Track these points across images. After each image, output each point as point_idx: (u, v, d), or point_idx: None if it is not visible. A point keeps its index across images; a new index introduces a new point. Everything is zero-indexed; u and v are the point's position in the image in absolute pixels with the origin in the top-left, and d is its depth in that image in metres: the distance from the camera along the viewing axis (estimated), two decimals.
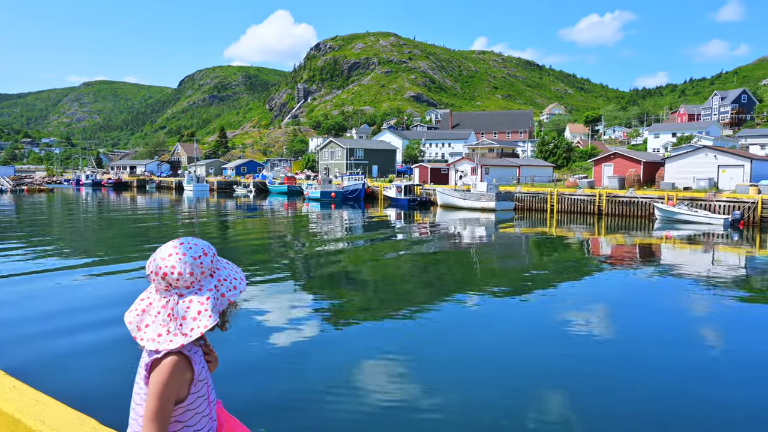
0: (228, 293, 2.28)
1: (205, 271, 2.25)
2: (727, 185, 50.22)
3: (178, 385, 2.18)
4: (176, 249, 2.23)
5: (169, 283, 2.20)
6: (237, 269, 2.42)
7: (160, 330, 2.18)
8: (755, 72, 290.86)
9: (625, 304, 17.76)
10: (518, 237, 35.92)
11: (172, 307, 2.20)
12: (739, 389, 10.47)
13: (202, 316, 2.18)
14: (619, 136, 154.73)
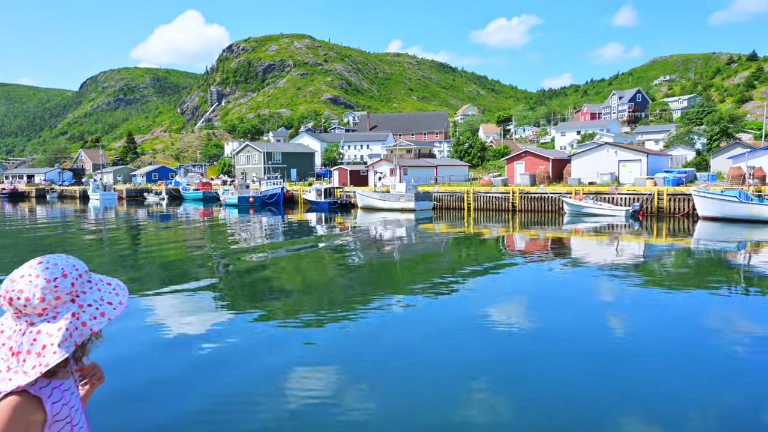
0: (91, 321, 1.94)
1: (62, 295, 1.92)
2: (627, 179, 53.71)
3: (21, 430, 1.85)
4: (31, 269, 1.92)
5: (18, 309, 1.89)
6: (116, 290, 2.12)
7: (1, 366, 1.86)
8: (648, 73, 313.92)
9: (541, 295, 18.50)
10: (438, 236, 36.62)
11: (17, 339, 1.88)
12: (646, 368, 11.15)
13: (47, 352, 1.85)
14: (529, 135, 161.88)
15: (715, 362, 11.72)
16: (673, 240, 32.13)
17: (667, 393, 10.11)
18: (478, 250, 30.41)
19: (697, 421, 9.06)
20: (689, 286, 19.70)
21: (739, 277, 21.18)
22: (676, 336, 13.60)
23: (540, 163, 61.06)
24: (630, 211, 43.41)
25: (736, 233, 33.38)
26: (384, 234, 38.14)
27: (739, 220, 37.61)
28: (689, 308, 16.53)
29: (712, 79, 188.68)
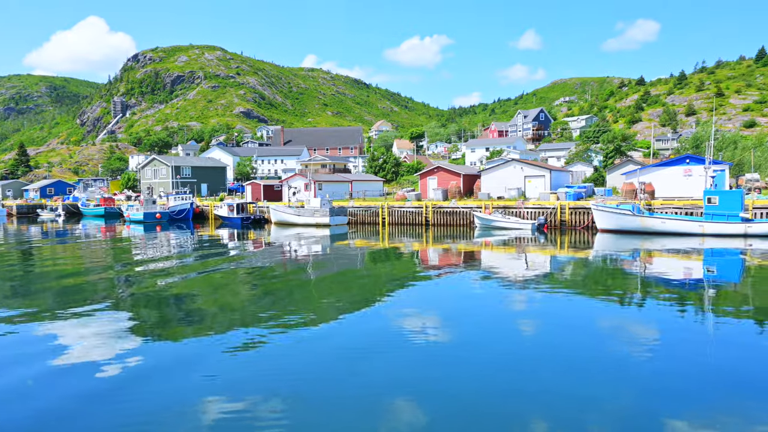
0: None
1: None
2: (533, 194, 56.38)
3: None
4: None
5: None
6: None
7: None
8: (550, 93, 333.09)
9: (455, 307, 18.83)
10: (354, 251, 36.55)
11: None
12: (555, 373, 11.57)
13: None
14: (441, 151, 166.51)
15: (613, 365, 12.37)
16: (575, 252, 33.95)
17: (573, 394, 10.52)
18: (394, 265, 30.62)
19: (596, 421, 9.47)
20: (591, 294, 20.81)
21: (635, 285, 22.66)
22: (581, 341, 14.26)
23: (452, 179, 62.79)
24: (536, 224, 45.49)
25: (630, 244, 35.81)
26: (299, 250, 37.57)
27: (633, 231, 40.42)
28: (591, 315, 17.42)
29: (607, 101, 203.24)
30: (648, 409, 10.06)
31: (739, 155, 70.19)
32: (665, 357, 13.14)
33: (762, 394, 10.71)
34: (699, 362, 12.74)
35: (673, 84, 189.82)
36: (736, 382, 11.40)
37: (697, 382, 11.45)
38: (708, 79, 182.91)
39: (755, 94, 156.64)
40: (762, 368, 12.24)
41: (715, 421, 9.58)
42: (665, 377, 11.66)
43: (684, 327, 15.97)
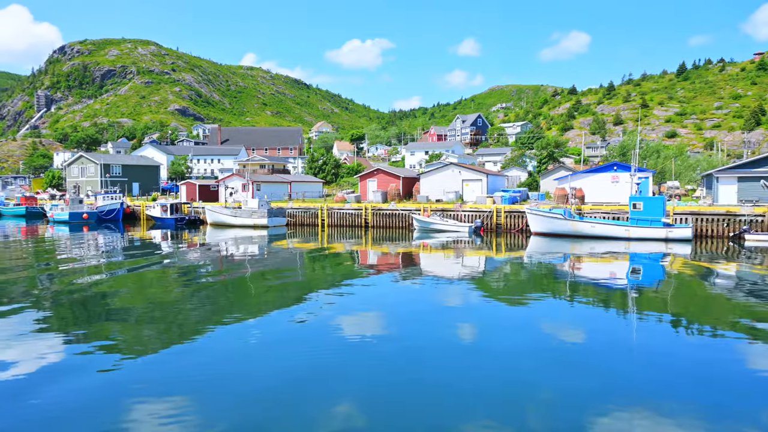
0: None
1: None
2: (470, 197, 57.53)
3: None
4: None
5: None
6: None
7: None
8: (487, 100, 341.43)
9: (393, 309, 18.88)
10: (292, 252, 36.07)
11: None
12: (490, 369, 11.80)
13: None
14: (382, 154, 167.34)
15: (543, 363, 12.74)
16: (510, 254, 34.86)
17: (505, 390, 10.76)
18: (333, 266, 30.44)
19: (529, 415, 9.72)
20: (524, 295, 21.39)
21: (565, 286, 23.48)
22: (514, 341, 14.61)
23: (391, 181, 63.18)
24: (473, 227, 46.43)
25: (561, 247, 37.13)
26: (236, 251, 36.72)
27: (564, 235, 41.95)
28: (524, 316, 17.90)
29: (541, 109, 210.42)
30: (579, 405, 10.41)
31: (662, 164, 74.30)
32: (594, 356, 13.67)
33: (678, 387, 11.31)
34: (622, 359, 13.31)
35: (602, 94, 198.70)
36: (655, 377, 11.98)
37: (620, 379, 11.95)
38: (634, 91, 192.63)
39: (676, 106, 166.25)
40: (679, 363, 12.93)
41: (638, 414, 10.02)
42: (593, 375, 12.12)
43: (609, 326, 16.67)
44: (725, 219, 41.17)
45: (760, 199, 45.19)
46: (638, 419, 9.89)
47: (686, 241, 38.43)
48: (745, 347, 14.40)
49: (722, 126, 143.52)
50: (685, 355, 13.78)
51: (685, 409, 10.27)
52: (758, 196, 45.78)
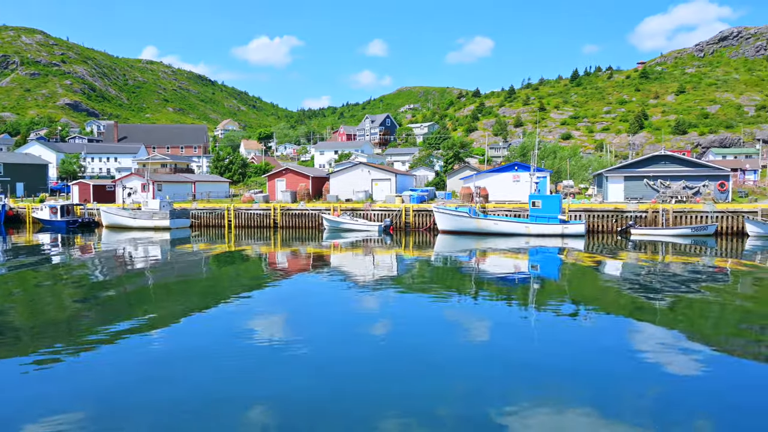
0: None
1: None
2: (379, 196, 58.08)
3: None
4: None
5: None
6: None
7: None
8: (396, 100, 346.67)
9: (304, 309, 18.62)
10: (197, 255, 34.67)
11: None
12: (402, 366, 11.90)
13: None
14: (290, 153, 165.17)
15: (452, 356, 13.08)
16: (419, 252, 35.54)
17: (416, 385, 10.91)
18: (241, 268, 29.58)
19: (440, 407, 9.92)
20: (433, 292, 21.85)
21: (471, 281, 24.26)
22: (424, 336, 14.88)
23: (301, 181, 62.47)
24: (382, 226, 46.90)
25: (467, 244, 38.38)
26: (134, 255, 34.73)
27: (470, 232, 43.39)
28: (433, 311, 18.28)
29: (447, 110, 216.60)
30: (489, 394, 10.75)
31: (558, 164, 78.83)
32: (497, 351, 14.20)
33: (573, 373, 12.01)
34: (523, 350, 13.93)
35: (504, 97, 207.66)
36: (555, 364, 12.65)
37: (521, 368, 12.50)
38: (533, 95, 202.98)
39: (570, 110, 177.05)
40: (575, 349, 13.75)
41: (539, 398, 10.51)
42: (497, 365, 12.58)
43: (513, 318, 17.41)
44: (614, 215, 44.34)
45: (644, 197, 49.12)
46: (539, 404, 10.36)
47: (580, 236, 40.98)
48: (631, 331, 15.54)
49: (611, 129, 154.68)
50: (580, 341, 14.67)
51: (581, 391, 10.90)
52: (642, 193, 49.73)
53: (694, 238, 39.93)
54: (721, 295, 20.91)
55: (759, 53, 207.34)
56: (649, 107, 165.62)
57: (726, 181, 49.05)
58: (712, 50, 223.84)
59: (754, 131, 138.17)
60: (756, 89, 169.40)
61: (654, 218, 43.41)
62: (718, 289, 22.03)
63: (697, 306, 19.02)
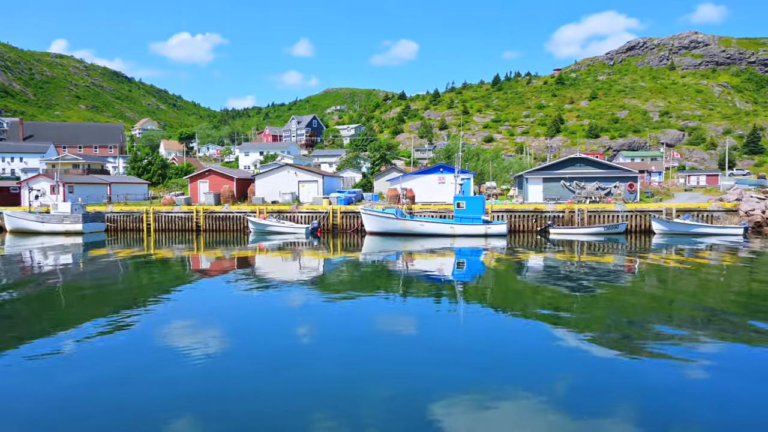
0: None
1: None
2: (306, 198, 57.55)
3: None
4: None
5: None
6: None
7: None
8: (322, 101, 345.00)
9: (230, 314, 18.07)
10: (113, 261, 32.91)
11: None
12: (323, 367, 11.79)
13: None
14: (213, 154, 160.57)
15: (381, 357, 13.11)
16: (346, 254, 35.47)
17: (346, 388, 10.84)
18: (160, 274, 28.36)
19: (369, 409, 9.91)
20: (360, 293, 21.85)
21: (398, 282, 24.47)
22: (353, 337, 14.82)
23: (224, 182, 60.86)
24: (309, 228, 46.47)
25: (394, 245, 38.72)
26: (42, 262, 32.50)
27: (397, 233, 43.81)
28: (361, 312, 18.27)
29: (373, 112, 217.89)
30: (415, 395, 10.84)
31: (481, 166, 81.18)
32: (426, 343, 14.38)
33: (504, 364, 12.36)
34: (452, 347, 14.19)
35: (429, 100, 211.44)
36: (482, 359, 12.96)
37: (452, 365, 12.72)
38: (457, 98, 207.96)
39: (492, 114, 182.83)
40: (502, 345, 14.16)
41: (464, 397, 10.72)
42: (427, 362, 12.73)
43: (439, 317, 17.71)
44: (534, 215, 46.17)
45: (561, 197, 51.45)
46: (465, 402, 10.57)
47: (502, 236, 42.36)
48: (550, 324, 16.18)
49: (530, 132, 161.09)
50: (503, 337, 15.12)
51: (505, 388, 11.23)
52: (559, 194, 52.08)
53: (606, 236, 42.24)
54: (630, 288, 22.22)
55: (662, 63, 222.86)
56: (565, 112, 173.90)
57: (635, 182, 52.29)
58: (621, 59, 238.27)
59: (659, 135, 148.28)
60: (660, 96, 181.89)
61: (570, 218, 45.56)
62: (628, 283, 23.41)
63: (609, 299, 20.11)
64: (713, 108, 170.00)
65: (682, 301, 20.13)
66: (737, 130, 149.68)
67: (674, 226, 42.68)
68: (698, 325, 16.35)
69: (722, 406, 10.47)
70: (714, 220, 44.88)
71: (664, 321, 17.07)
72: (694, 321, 16.96)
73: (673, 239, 39.95)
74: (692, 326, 16.29)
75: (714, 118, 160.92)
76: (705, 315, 17.62)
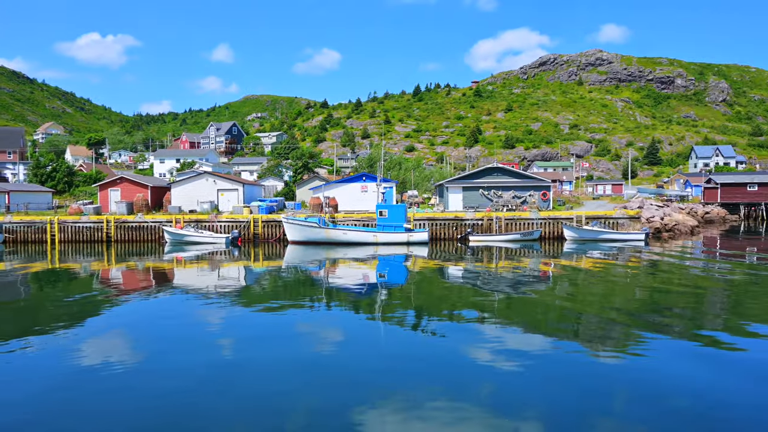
0: None
1: None
2: (226, 207, 56.00)
3: None
4: None
5: None
6: None
7: None
8: (242, 108, 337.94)
9: (145, 330, 17.19)
10: (10, 275, 30.49)
11: None
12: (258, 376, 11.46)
13: None
14: (126, 161, 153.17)
15: (303, 367, 12.93)
16: (268, 263, 34.79)
17: (267, 400, 10.59)
18: (66, 288, 26.57)
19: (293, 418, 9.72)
20: (283, 303, 21.48)
21: (321, 291, 24.27)
22: (274, 348, 14.51)
23: (138, 191, 58.08)
24: (230, 238, 45.21)
25: (317, 254, 38.41)
26: None
27: (320, 242, 43.50)
28: (283, 323, 17.94)
29: (296, 120, 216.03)
30: (336, 403, 10.75)
31: (403, 175, 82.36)
32: (349, 352, 14.32)
33: (427, 370, 12.52)
34: (376, 354, 14.23)
35: (351, 109, 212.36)
36: (406, 366, 13.08)
37: (376, 373, 12.75)
38: (379, 108, 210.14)
39: (414, 124, 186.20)
40: (425, 351, 14.34)
41: (386, 403, 10.76)
42: (351, 370, 12.68)
43: (361, 325, 17.72)
44: (454, 223, 47.33)
45: (480, 206, 53.09)
46: (388, 410, 10.61)
47: (424, 244, 43.09)
48: (471, 329, 16.60)
49: (450, 142, 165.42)
50: (426, 343, 15.34)
51: (429, 394, 11.38)
52: (478, 203, 53.72)
53: (522, 243, 43.99)
54: (545, 292, 23.24)
55: (571, 78, 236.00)
56: (483, 123, 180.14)
57: (548, 191, 54.86)
58: (533, 73, 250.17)
59: (569, 147, 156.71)
60: (569, 110, 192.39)
61: (489, 225, 47.09)
62: (543, 287, 24.48)
63: (526, 303, 20.92)
64: (617, 122, 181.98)
65: (592, 302, 21.30)
66: (638, 142, 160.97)
67: (583, 233, 45.12)
68: (606, 324, 17.33)
69: (632, 400, 11.14)
70: (619, 226, 47.87)
71: (575, 321, 17.96)
72: (603, 320, 17.96)
73: (582, 245, 42.21)
74: (602, 325, 17.25)
75: (618, 131, 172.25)
76: (613, 315, 18.73)
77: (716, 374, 12.70)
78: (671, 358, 13.90)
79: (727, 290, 23.90)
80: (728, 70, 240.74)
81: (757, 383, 12.09)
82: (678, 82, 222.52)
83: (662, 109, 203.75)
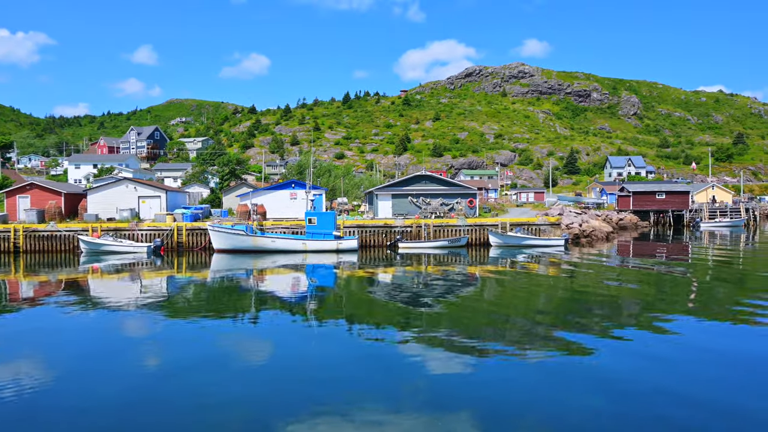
0: None
1: None
2: (148, 215, 53.74)
3: None
4: None
5: None
6: None
7: None
8: (166, 112, 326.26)
9: (60, 345, 16.14)
10: None
11: None
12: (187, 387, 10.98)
13: None
14: (37, 166, 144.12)
15: (233, 377, 12.58)
16: (193, 273, 33.64)
17: (197, 411, 10.19)
18: None
19: None
20: (209, 314, 20.81)
21: (249, 300, 23.72)
22: (202, 359, 14.02)
23: (50, 198, 54.64)
24: (152, 246, 43.39)
25: (244, 263, 37.55)
26: None
27: (247, 251, 42.54)
28: (209, 335, 17.38)
29: (222, 125, 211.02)
30: (273, 414, 10.51)
31: (333, 182, 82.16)
32: (278, 363, 14.07)
33: (357, 378, 12.48)
34: (304, 364, 14.06)
35: (280, 116, 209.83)
36: (335, 374, 12.99)
37: (304, 382, 12.59)
38: (308, 115, 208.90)
39: (343, 131, 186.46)
40: (354, 358, 14.31)
41: (312, 410, 10.64)
42: (280, 383, 12.45)
43: (290, 333, 17.46)
44: (384, 230, 47.65)
45: (409, 213, 53.76)
46: (318, 420, 10.49)
47: (354, 251, 43.09)
48: (400, 337, 16.75)
49: (379, 150, 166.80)
50: (355, 351, 15.31)
51: (359, 402, 11.34)
52: (407, 210, 54.39)
53: (450, 249, 44.90)
54: (473, 296, 23.81)
55: (495, 89, 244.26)
56: (412, 131, 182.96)
57: (474, 198, 56.36)
58: (460, 84, 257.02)
59: (494, 156, 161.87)
60: (494, 120, 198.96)
61: (418, 232, 47.76)
62: (470, 291, 25.08)
63: (455, 308, 21.34)
64: (539, 132, 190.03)
65: (517, 305, 22.02)
66: (558, 152, 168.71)
67: (507, 239, 46.64)
68: (531, 325, 17.97)
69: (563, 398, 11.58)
70: (541, 233, 49.84)
71: (501, 324, 18.51)
72: (526, 322, 18.62)
73: (506, 251, 43.62)
74: (527, 326, 17.87)
75: (539, 141, 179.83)
76: (538, 316, 19.44)
77: (632, 366, 13.45)
78: (595, 354, 14.58)
79: (638, 290, 25.41)
80: (638, 86, 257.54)
81: (667, 369, 12.91)
82: (594, 96, 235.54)
83: (580, 121, 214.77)
